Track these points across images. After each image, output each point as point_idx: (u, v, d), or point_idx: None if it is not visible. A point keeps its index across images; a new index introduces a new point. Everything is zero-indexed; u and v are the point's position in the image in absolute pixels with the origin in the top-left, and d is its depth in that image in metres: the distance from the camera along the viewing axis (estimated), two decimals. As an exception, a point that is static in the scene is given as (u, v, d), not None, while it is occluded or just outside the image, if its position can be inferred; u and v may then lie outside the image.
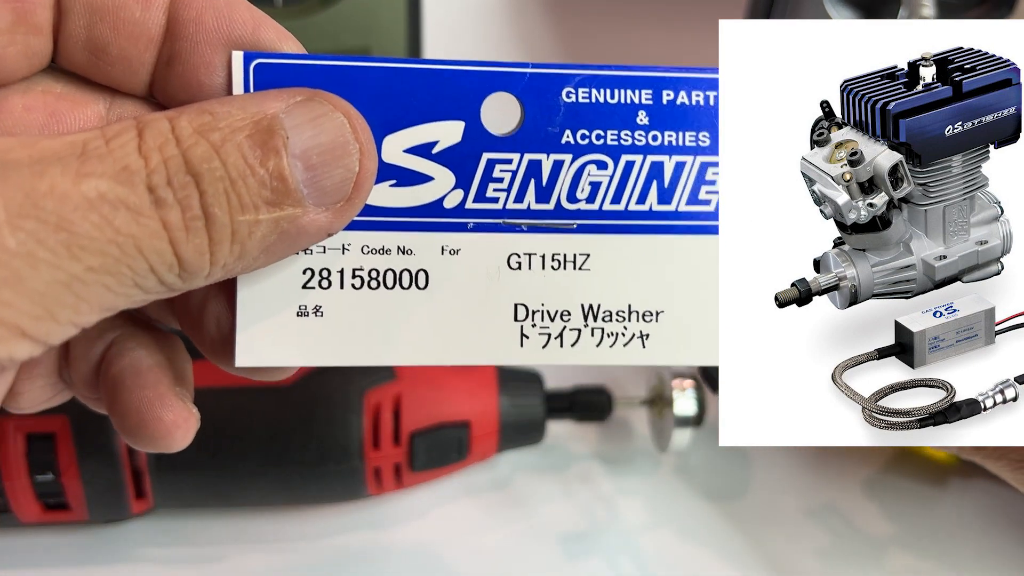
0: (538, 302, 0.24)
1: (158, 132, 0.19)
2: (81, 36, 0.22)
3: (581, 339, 0.24)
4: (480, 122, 0.23)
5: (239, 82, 0.22)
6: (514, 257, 0.23)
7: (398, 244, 0.23)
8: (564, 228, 0.24)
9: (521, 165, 0.23)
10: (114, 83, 0.23)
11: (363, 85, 0.22)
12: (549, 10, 0.59)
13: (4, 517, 0.37)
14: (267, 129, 0.20)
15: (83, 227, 0.18)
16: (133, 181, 0.19)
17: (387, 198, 0.23)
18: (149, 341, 0.24)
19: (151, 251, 0.19)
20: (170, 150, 0.19)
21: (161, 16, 0.22)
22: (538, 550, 0.40)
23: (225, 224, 0.20)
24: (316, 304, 0.23)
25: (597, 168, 0.23)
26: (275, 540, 0.40)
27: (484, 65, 0.23)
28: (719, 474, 0.43)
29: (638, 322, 0.24)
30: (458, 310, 0.23)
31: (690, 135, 0.24)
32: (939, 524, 0.41)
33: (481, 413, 0.40)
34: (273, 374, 0.24)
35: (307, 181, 0.20)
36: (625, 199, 0.24)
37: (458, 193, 0.23)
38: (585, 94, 0.23)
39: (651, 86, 0.23)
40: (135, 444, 0.24)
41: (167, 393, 0.24)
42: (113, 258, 0.19)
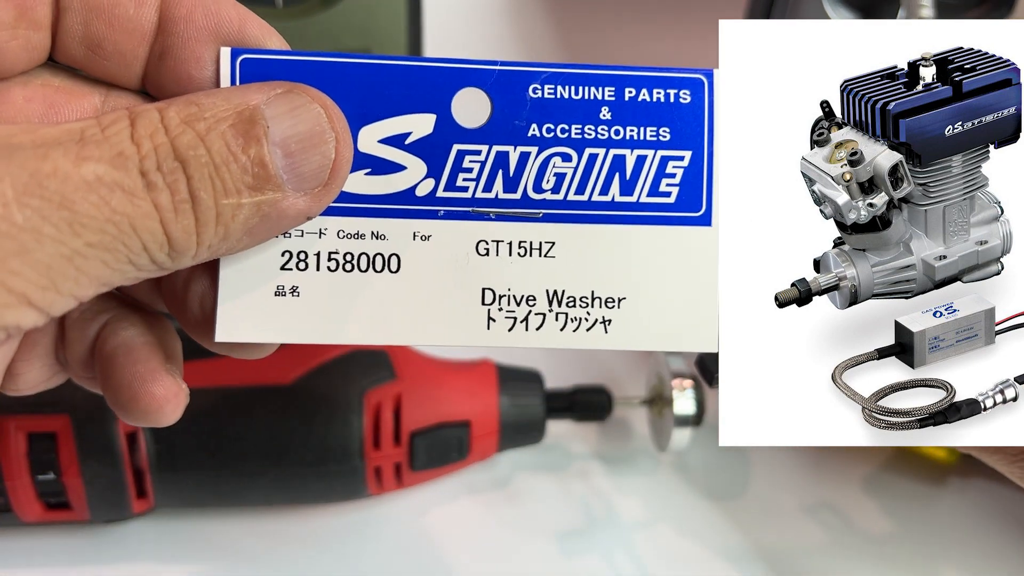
0: (505, 287, 0.25)
1: (149, 121, 0.21)
2: (78, 32, 0.23)
3: (546, 323, 0.25)
4: (451, 115, 0.24)
5: (226, 76, 0.23)
6: (482, 244, 0.25)
7: (372, 229, 0.24)
8: (530, 217, 0.25)
9: (489, 156, 0.24)
10: (109, 77, 0.24)
11: (341, 79, 0.24)
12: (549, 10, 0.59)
13: (5, 517, 0.37)
14: (249, 119, 0.21)
15: (83, 206, 0.20)
16: (127, 166, 0.20)
17: (362, 186, 0.24)
18: (140, 322, 0.26)
19: (144, 230, 0.20)
20: (159, 138, 0.21)
21: (153, 14, 0.23)
22: (538, 549, 0.40)
23: (210, 207, 0.21)
24: (293, 285, 0.24)
25: (562, 160, 0.25)
26: (275, 540, 0.40)
27: (455, 62, 0.24)
28: (718, 473, 0.43)
29: (601, 308, 0.25)
30: (428, 293, 0.25)
31: (651, 130, 0.25)
32: (937, 522, 0.41)
33: (481, 413, 0.40)
34: (252, 351, 0.25)
35: (286, 167, 0.22)
36: (589, 190, 0.25)
37: (429, 182, 0.24)
38: (551, 90, 0.24)
39: (614, 83, 0.24)
40: (127, 418, 0.25)
41: (158, 368, 0.25)
42: (110, 235, 0.20)
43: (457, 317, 0.25)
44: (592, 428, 0.45)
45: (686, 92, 0.25)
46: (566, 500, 0.42)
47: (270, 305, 0.24)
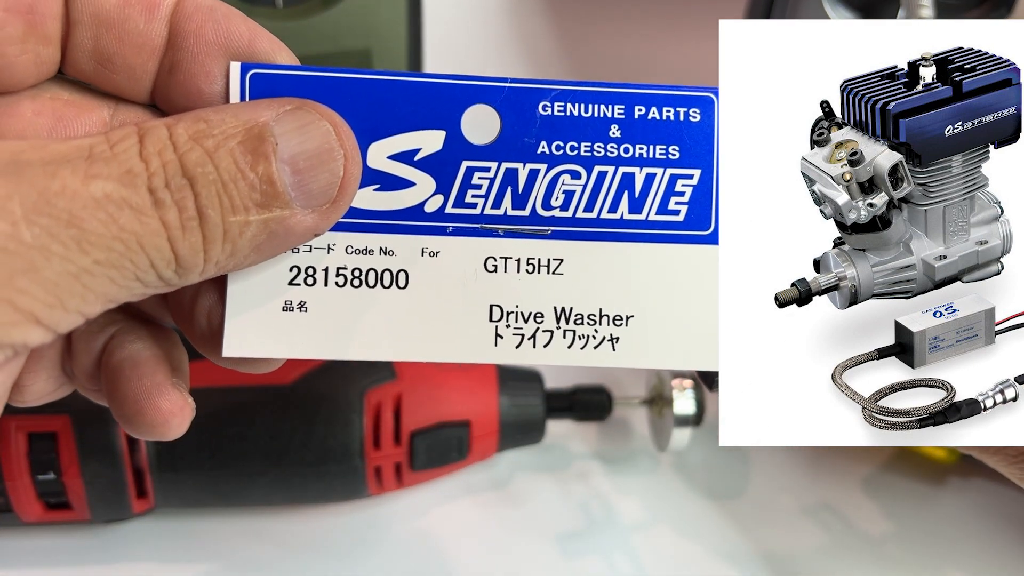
0: (513, 303, 0.25)
1: (157, 138, 0.21)
2: (88, 46, 0.23)
3: (553, 340, 0.25)
4: (460, 132, 0.24)
5: (236, 91, 0.23)
6: (491, 260, 0.25)
7: (380, 245, 0.24)
8: (539, 234, 0.25)
9: (499, 173, 0.24)
10: (118, 91, 0.24)
11: (351, 95, 0.24)
12: (549, 10, 0.59)
13: (6, 516, 0.37)
14: (258, 136, 0.21)
15: (91, 224, 0.20)
16: (135, 183, 0.20)
17: (371, 201, 0.24)
18: (147, 335, 0.26)
19: (152, 247, 0.20)
20: (168, 155, 0.21)
21: (163, 28, 0.23)
22: (538, 549, 0.40)
23: (218, 224, 0.21)
24: (301, 300, 0.24)
25: (571, 178, 0.25)
26: (275, 540, 0.40)
27: (465, 79, 0.24)
28: (718, 473, 0.43)
29: (608, 326, 0.25)
30: (436, 309, 0.24)
31: (660, 148, 0.25)
32: (937, 522, 0.41)
33: (481, 413, 0.40)
34: (259, 366, 0.25)
35: (295, 184, 0.22)
36: (598, 207, 0.25)
37: (438, 198, 0.24)
38: (560, 108, 0.24)
39: (623, 101, 0.25)
40: (133, 431, 0.25)
41: (164, 382, 0.25)
42: (118, 253, 0.20)
43: (465, 334, 0.25)
44: (592, 428, 0.45)
45: (696, 110, 0.25)
46: (566, 500, 0.42)
47: (278, 320, 0.24)
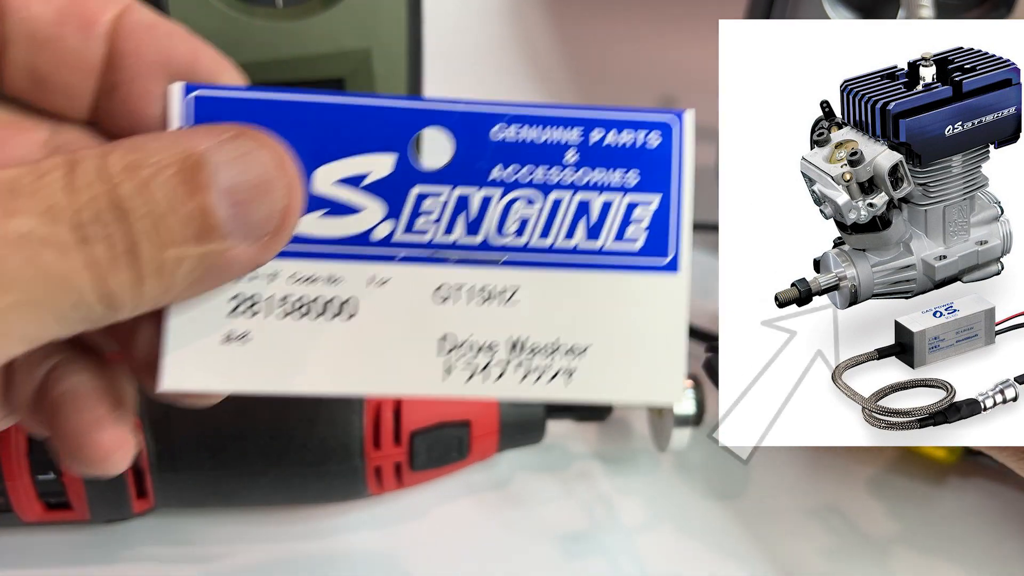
0: (465, 334, 0.24)
1: (87, 169, 0.20)
2: (23, 64, 0.22)
3: (506, 374, 0.24)
4: (411, 156, 0.23)
5: (176, 114, 0.22)
6: (442, 289, 0.24)
7: (327, 273, 0.23)
8: (492, 261, 0.24)
9: (451, 199, 0.23)
10: (56, 110, 0.23)
11: (298, 117, 0.23)
12: (549, 10, 0.59)
13: (6, 516, 0.37)
14: (194, 166, 0.20)
15: (10, 263, 0.19)
16: (59, 219, 0.19)
17: (317, 228, 0.23)
18: (90, 366, 0.24)
19: (77, 287, 0.19)
20: (98, 187, 0.20)
21: (101, 46, 0.22)
22: (538, 549, 0.40)
23: (151, 259, 0.20)
24: (243, 331, 0.23)
25: (526, 204, 0.24)
26: (276, 540, 0.40)
27: (417, 100, 0.23)
28: (718, 473, 0.43)
29: (564, 357, 0.24)
30: (384, 340, 0.23)
31: (618, 173, 0.24)
32: (937, 522, 0.41)
33: (481, 412, 0.40)
34: (197, 400, 0.24)
35: (233, 216, 0.21)
36: (553, 235, 0.24)
37: (388, 224, 0.23)
38: (516, 132, 0.23)
39: (581, 125, 0.24)
40: (74, 468, 0.24)
41: (105, 416, 0.24)
42: (39, 293, 0.19)
43: (413, 366, 0.23)
44: (592, 428, 0.45)
45: (655, 134, 0.24)
46: (566, 500, 0.42)
47: (218, 353, 0.23)
